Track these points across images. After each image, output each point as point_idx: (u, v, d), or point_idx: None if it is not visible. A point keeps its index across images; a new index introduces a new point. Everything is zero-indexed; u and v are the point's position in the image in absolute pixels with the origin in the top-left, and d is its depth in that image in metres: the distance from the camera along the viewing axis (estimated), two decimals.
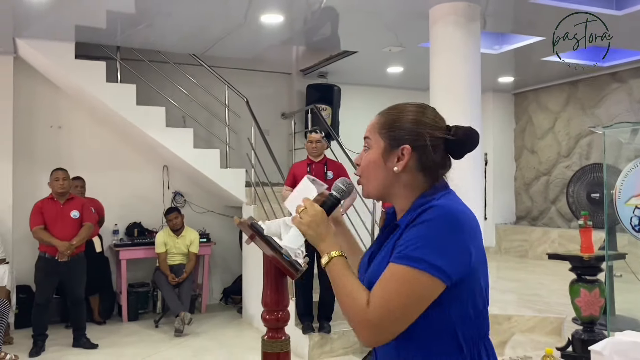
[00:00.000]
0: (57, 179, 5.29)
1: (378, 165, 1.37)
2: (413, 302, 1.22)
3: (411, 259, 1.21)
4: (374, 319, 1.22)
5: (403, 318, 1.23)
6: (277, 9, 5.00)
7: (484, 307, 1.36)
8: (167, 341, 5.54)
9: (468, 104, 4.58)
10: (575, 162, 8.01)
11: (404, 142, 1.36)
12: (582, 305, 3.31)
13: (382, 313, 1.22)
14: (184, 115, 6.58)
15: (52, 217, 5.23)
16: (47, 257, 5.20)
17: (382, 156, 1.37)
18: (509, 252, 8.43)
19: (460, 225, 1.27)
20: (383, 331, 1.24)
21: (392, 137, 1.37)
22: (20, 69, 6.18)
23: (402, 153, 1.35)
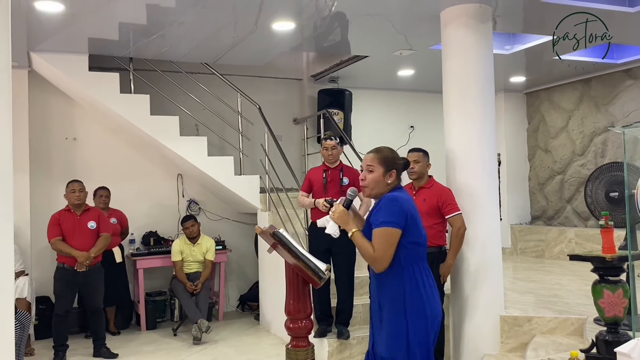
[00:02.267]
0: (73, 190, 5.34)
1: (379, 181, 2.67)
2: (389, 243, 2.54)
3: (382, 222, 2.55)
4: (377, 256, 2.54)
5: (388, 252, 2.54)
6: (287, 16, 5.01)
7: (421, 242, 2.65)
8: (186, 349, 5.56)
9: (482, 106, 4.56)
10: (590, 161, 7.95)
11: (391, 168, 2.68)
12: (606, 306, 3.27)
13: (379, 252, 2.54)
14: (197, 123, 6.61)
15: (69, 228, 5.27)
16: (65, 267, 5.24)
17: (382, 176, 2.68)
18: (525, 252, 8.38)
19: (396, 200, 2.60)
20: (382, 261, 2.55)
21: (386, 165, 2.68)
22: (35, 83, 6.25)
23: (391, 174, 2.68)
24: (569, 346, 4.04)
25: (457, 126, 4.60)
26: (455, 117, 4.62)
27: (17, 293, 5.21)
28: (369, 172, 2.66)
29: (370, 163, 2.67)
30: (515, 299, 5.15)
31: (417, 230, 2.61)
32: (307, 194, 4.88)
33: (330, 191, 4.76)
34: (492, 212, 4.57)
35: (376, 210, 2.58)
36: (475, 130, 4.52)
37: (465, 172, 4.55)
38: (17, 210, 5.20)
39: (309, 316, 2.35)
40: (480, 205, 4.48)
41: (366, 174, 2.67)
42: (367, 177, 2.66)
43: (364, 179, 2.66)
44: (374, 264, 2.53)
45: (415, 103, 8.42)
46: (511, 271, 7.00)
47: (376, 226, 2.53)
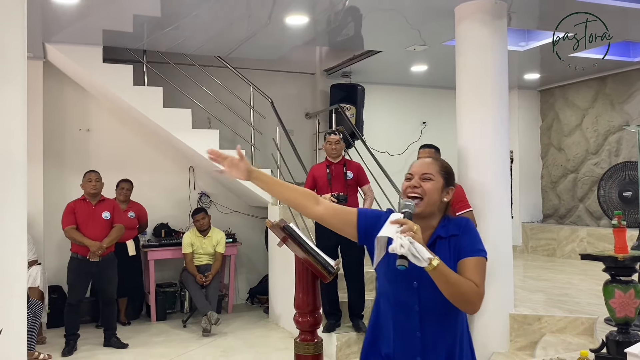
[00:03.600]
0: (89, 180, 5.41)
1: (438, 193, 2.00)
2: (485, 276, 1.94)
3: (480, 251, 1.95)
4: (483, 292, 1.88)
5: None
6: (301, 10, 5.01)
7: None
8: (195, 341, 5.59)
9: (495, 103, 4.53)
10: (604, 160, 7.88)
11: (451, 184, 2.05)
12: (617, 306, 3.25)
13: (484, 289, 1.89)
14: (209, 116, 6.63)
15: (84, 217, 5.33)
16: (79, 257, 5.30)
17: (441, 188, 2.02)
18: (536, 251, 8.33)
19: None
20: (482, 299, 1.90)
21: (446, 178, 2.04)
22: (50, 74, 6.29)
23: (449, 191, 2.04)
24: (578, 346, 4.02)
25: (470, 123, 4.58)
26: (468, 113, 4.60)
27: (30, 282, 5.26)
28: (425, 180, 2.02)
29: (428, 171, 2.03)
30: (525, 298, 5.13)
31: None
32: None
33: (335, 186, 4.79)
34: (504, 210, 4.55)
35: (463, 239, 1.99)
36: (488, 127, 4.49)
37: (477, 169, 4.53)
38: (30, 201, 5.25)
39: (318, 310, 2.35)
40: (491, 202, 4.46)
41: (421, 182, 2.01)
42: (424, 186, 2.00)
43: (418, 187, 2.00)
44: (478, 302, 1.89)
45: (428, 99, 8.38)
46: (522, 269, 6.97)
47: (472, 254, 1.94)
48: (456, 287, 1.84)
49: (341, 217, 2.07)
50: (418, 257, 1.72)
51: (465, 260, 1.93)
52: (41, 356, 5.00)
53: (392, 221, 1.80)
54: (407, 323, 2.01)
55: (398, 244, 1.72)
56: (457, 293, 1.84)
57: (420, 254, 1.72)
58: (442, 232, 2.00)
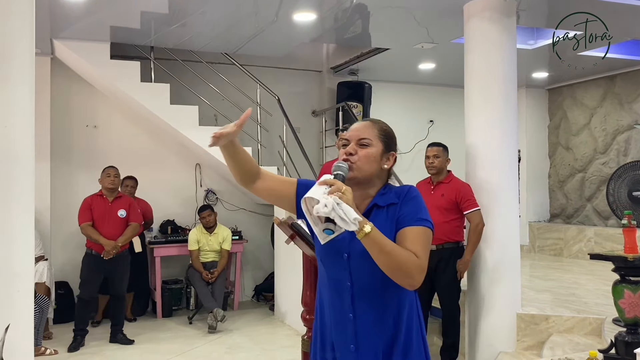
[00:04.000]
0: (108, 175, 5.44)
1: (375, 160, 1.81)
2: (429, 249, 1.76)
3: (423, 220, 1.76)
4: (425, 266, 1.69)
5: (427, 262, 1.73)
6: (308, 7, 4.99)
7: None
8: (201, 337, 5.60)
9: (504, 101, 4.49)
10: (612, 159, 7.82)
11: (392, 149, 1.87)
12: (626, 306, 3.22)
13: (424, 259, 1.70)
14: (216, 113, 6.63)
15: (100, 214, 5.36)
16: (93, 253, 5.34)
17: (379, 155, 1.83)
18: (543, 250, 8.29)
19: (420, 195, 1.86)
20: (424, 273, 1.70)
21: (386, 143, 1.85)
22: (57, 70, 6.31)
23: (390, 157, 1.86)
24: (586, 346, 3.99)
25: (478, 121, 4.55)
26: (476, 111, 4.57)
27: (37, 277, 5.26)
28: (362, 146, 1.81)
29: (365, 136, 1.83)
30: (533, 297, 5.10)
31: None
32: None
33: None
34: (512, 209, 4.52)
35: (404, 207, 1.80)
36: (497, 126, 4.46)
37: (485, 167, 4.50)
38: (38, 197, 5.25)
39: None
40: (499, 201, 4.43)
41: (357, 148, 1.81)
42: (360, 152, 1.81)
43: (354, 153, 1.80)
44: (418, 275, 1.69)
45: (435, 97, 8.35)
46: (528, 269, 6.93)
47: (412, 223, 1.75)
48: (392, 256, 1.64)
49: (279, 189, 1.90)
50: (345, 220, 1.55)
51: (405, 229, 1.74)
52: (47, 351, 5.02)
53: (321, 182, 1.64)
54: (340, 303, 1.82)
55: (322, 204, 1.56)
56: (394, 263, 1.65)
57: (347, 215, 1.55)
58: (379, 201, 1.82)
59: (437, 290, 4.48)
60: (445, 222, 4.34)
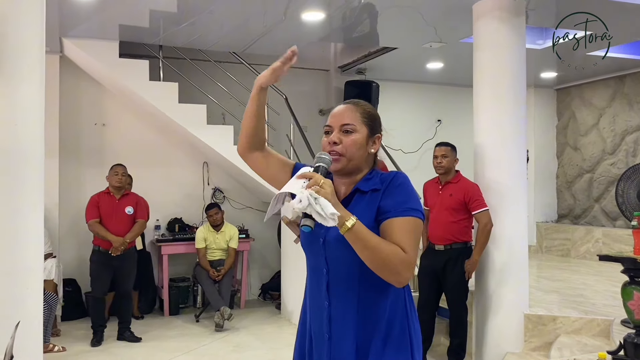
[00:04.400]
0: (116, 173, 5.47)
1: (362, 147, 1.72)
2: (418, 241, 1.64)
3: (411, 210, 1.62)
4: (413, 261, 1.59)
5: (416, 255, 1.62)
6: (317, 6, 4.99)
7: None
8: (208, 335, 5.61)
9: (512, 101, 4.48)
10: (621, 160, 7.78)
11: (377, 132, 1.77)
12: (635, 308, 3.21)
13: (412, 253, 1.58)
14: (224, 112, 6.64)
15: (107, 211, 5.39)
16: (101, 250, 5.36)
17: (366, 139, 1.73)
18: (550, 251, 8.26)
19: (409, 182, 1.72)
20: (413, 268, 1.62)
21: (370, 126, 1.75)
22: (66, 68, 6.33)
23: (376, 140, 1.76)
24: (594, 347, 3.98)
25: (487, 121, 4.54)
26: (484, 111, 4.55)
27: (45, 275, 5.30)
28: (345, 132, 1.71)
29: (348, 121, 1.73)
30: (540, 298, 5.08)
31: None
32: None
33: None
34: (520, 210, 4.50)
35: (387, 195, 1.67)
36: (505, 126, 4.45)
37: (493, 167, 4.49)
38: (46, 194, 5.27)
39: None
40: (507, 202, 4.42)
41: (340, 136, 1.71)
42: (343, 140, 1.71)
43: (338, 142, 1.71)
44: (405, 271, 1.58)
45: (443, 96, 8.32)
46: (536, 269, 6.91)
47: (399, 213, 1.61)
48: (376, 252, 1.54)
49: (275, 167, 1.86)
50: (322, 215, 1.46)
51: (391, 220, 1.61)
52: (56, 348, 5.05)
53: (299, 175, 1.58)
54: (317, 291, 1.76)
55: (297, 199, 1.48)
56: (378, 259, 1.54)
57: (324, 211, 1.46)
58: (362, 186, 1.71)
59: (445, 290, 4.48)
60: (453, 222, 4.34)
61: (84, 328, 5.56)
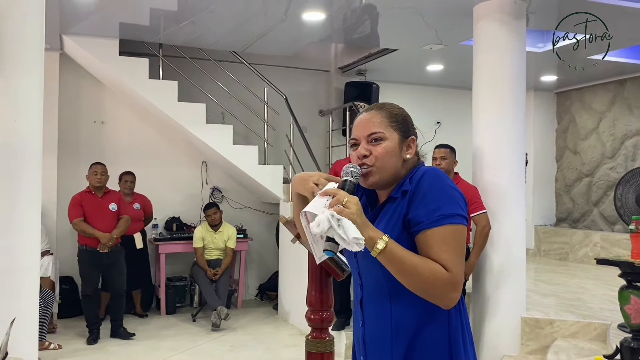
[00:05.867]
0: (95, 172, 5.42)
1: (396, 154, 1.52)
2: (463, 251, 1.42)
3: (448, 217, 1.39)
4: (459, 279, 1.38)
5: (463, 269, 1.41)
6: (318, 7, 4.98)
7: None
8: (204, 335, 5.60)
9: (512, 104, 4.48)
10: (620, 164, 7.78)
11: (410, 134, 1.58)
12: (632, 312, 3.20)
13: (457, 270, 1.37)
14: (223, 111, 6.64)
15: (91, 209, 5.36)
16: (87, 249, 5.33)
17: (398, 145, 1.54)
18: (548, 254, 8.26)
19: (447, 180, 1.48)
20: (460, 285, 1.40)
21: (401, 129, 1.56)
22: (66, 65, 6.33)
23: (411, 143, 1.56)
24: (591, 351, 3.98)
25: (486, 123, 4.54)
26: (484, 114, 4.55)
27: (42, 272, 5.28)
28: (374, 142, 1.52)
29: (375, 129, 1.53)
30: (537, 301, 5.08)
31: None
32: None
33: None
34: (518, 213, 4.50)
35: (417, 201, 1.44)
36: (505, 128, 4.45)
37: (492, 170, 4.49)
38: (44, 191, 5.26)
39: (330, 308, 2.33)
40: (506, 204, 4.42)
41: (369, 147, 1.52)
42: (372, 150, 1.52)
43: (368, 154, 1.52)
44: (451, 292, 1.39)
45: (443, 99, 8.32)
46: (534, 273, 6.91)
47: (434, 224, 1.39)
48: (415, 275, 1.36)
49: None
50: (345, 239, 1.29)
51: (425, 233, 1.39)
52: (52, 346, 5.04)
53: (322, 192, 1.40)
54: (356, 311, 1.59)
55: (316, 222, 1.30)
56: (418, 283, 1.36)
57: (347, 234, 1.28)
58: (394, 193, 1.51)
59: None
60: None
61: (80, 326, 5.54)
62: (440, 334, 1.45)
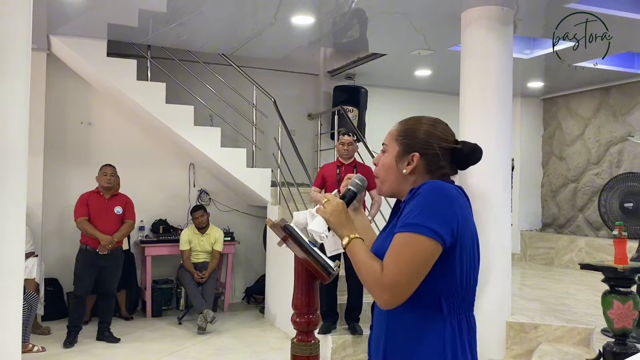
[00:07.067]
0: (105, 173, 5.45)
1: (392, 168, 1.59)
2: (418, 263, 1.41)
3: (411, 225, 1.43)
4: (389, 282, 1.42)
5: (413, 279, 1.42)
6: (307, 10, 5.00)
7: (473, 284, 1.53)
8: (190, 338, 5.58)
9: (499, 109, 4.52)
10: (605, 170, 7.87)
11: (414, 149, 1.58)
12: (615, 317, 3.24)
13: (394, 276, 1.41)
14: (211, 114, 6.62)
15: (96, 210, 5.36)
16: (88, 249, 5.32)
17: (394, 160, 1.60)
18: (534, 259, 8.32)
19: (446, 194, 1.48)
20: (397, 292, 1.42)
21: (405, 144, 1.59)
22: (53, 66, 6.28)
23: (411, 159, 1.57)
24: (574, 356, 4.01)
25: (473, 128, 4.57)
26: (471, 119, 4.59)
27: (26, 274, 5.23)
28: (383, 153, 1.66)
29: (385, 141, 1.65)
30: (522, 306, 5.11)
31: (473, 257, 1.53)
32: (319, 190, 4.88)
33: None
34: (504, 217, 4.54)
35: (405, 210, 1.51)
36: (491, 134, 4.48)
37: (478, 175, 4.50)
38: (30, 192, 5.22)
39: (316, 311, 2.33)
40: (491, 209, 4.45)
41: (379, 157, 1.66)
42: (379, 161, 1.65)
43: (377, 164, 1.67)
44: (381, 293, 1.45)
45: (431, 104, 8.35)
46: (519, 277, 6.96)
47: (401, 228, 1.46)
48: (358, 270, 1.49)
49: None
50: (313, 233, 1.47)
51: (395, 235, 1.46)
52: (35, 348, 4.99)
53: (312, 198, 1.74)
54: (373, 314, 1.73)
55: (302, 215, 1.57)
56: (361, 278, 1.49)
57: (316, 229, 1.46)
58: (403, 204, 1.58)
59: None
60: None
61: (64, 328, 5.49)
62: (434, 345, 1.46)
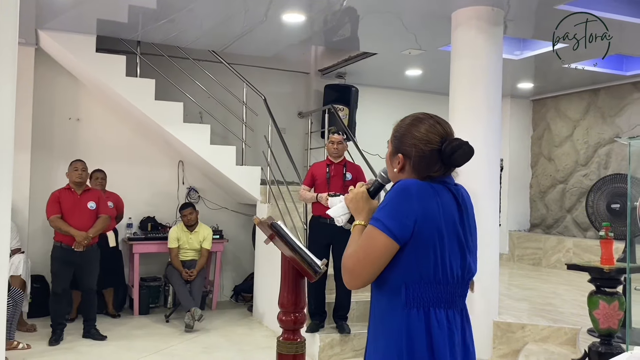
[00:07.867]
0: (75, 169, 5.35)
1: (389, 164, 1.76)
2: (373, 253, 1.57)
3: (373, 219, 1.60)
4: (347, 265, 1.62)
5: (368, 267, 1.59)
6: (298, 8, 4.99)
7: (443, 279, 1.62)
8: (177, 336, 5.55)
9: (488, 110, 4.54)
10: (593, 171, 7.92)
11: (399, 151, 1.71)
12: (601, 317, 3.26)
13: (353, 261, 1.61)
14: (201, 111, 6.59)
15: (69, 207, 5.27)
16: (62, 246, 5.24)
17: (389, 158, 1.75)
18: (522, 259, 8.37)
19: (407, 192, 1.59)
20: (355, 276, 1.61)
21: (394, 145, 1.73)
22: (41, 61, 6.22)
23: (399, 159, 1.70)
24: (560, 355, 4.04)
25: (462, 128, 4.53)
26: (460, 119, 4.60)
27: (12, 270, 5.19)
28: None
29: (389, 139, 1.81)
30: (510, 305, 5.14)
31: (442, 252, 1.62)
32: (309, 188, 4.87)
33: (333, 186, 4.77)
34: (492, 217, 4.56)
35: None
36: (480, 134, 4.50)
37: (466, 174, 4.48)
38: (16, 188, 5.21)
39: (302, 310, 2.33)
40: (479, 209, 4.39)
41: None
42: None
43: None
44: (343, 274, 1.66)
45: (421, 103, 8.32)
46: (507, 277, 6.99)
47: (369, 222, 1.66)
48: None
49: None
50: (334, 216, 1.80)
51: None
52: (20, 345, 4.94)
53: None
54: None
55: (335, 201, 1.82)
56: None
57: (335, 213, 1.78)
58: None
59: None
60: None
61: (50, 325, 5.45)
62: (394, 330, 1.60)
